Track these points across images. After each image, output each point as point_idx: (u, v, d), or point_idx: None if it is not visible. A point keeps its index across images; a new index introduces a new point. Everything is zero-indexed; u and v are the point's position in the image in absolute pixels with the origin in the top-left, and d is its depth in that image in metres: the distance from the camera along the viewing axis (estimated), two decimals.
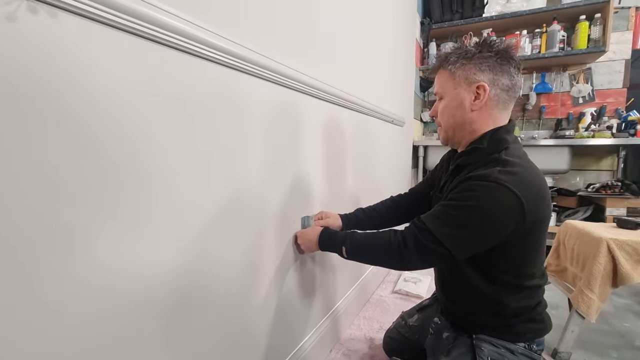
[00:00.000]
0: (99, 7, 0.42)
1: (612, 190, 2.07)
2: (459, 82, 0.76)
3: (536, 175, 0.71)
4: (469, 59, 0.74)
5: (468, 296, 0.82)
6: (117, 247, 0.48)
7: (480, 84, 0.73)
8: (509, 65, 0.74)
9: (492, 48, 0.74)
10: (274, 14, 0.80)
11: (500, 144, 0.73)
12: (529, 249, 0.74)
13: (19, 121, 0.37)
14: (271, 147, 0.83)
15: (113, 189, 0.47)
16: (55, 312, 0.41)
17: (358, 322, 1.43)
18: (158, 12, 0.49)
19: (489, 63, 0.73)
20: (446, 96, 0.79)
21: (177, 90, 0.56)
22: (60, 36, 0.40)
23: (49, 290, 0.41)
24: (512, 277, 0.75)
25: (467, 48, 0.76)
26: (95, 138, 0.44)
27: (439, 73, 0.81)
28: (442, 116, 0.81)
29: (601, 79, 2.41)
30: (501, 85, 0.74)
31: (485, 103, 0.74)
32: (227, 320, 0.72)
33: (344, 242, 0.83)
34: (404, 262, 0.74)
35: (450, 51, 0.78)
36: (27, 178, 0.38)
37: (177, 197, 0.57)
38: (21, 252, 0.38)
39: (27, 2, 0.37)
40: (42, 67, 0.39)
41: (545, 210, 0.71)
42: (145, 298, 0.53)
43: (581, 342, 1.28)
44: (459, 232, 0.68)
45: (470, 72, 0.74)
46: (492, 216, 0.66)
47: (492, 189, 0.65)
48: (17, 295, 0.38)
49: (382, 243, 0.77)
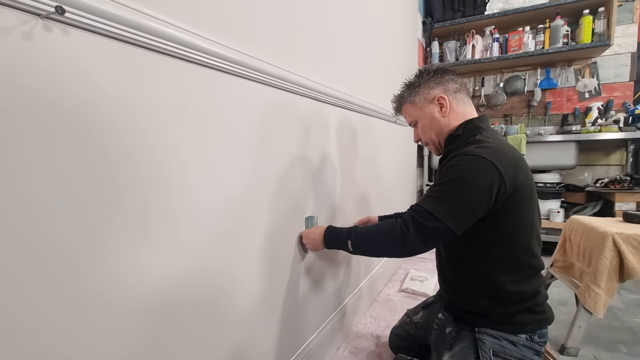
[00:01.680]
0: (108, 24, 0.46)
1: (621, 185, 2.05)
2: (422, 104, 0.90)
3: (508, 148, 0.79)
4: (418, 86, 0.90)
5: (464, 277, 0.85)
6: (131, 251, 0.51)
7: (439, 95, 0.87)
8: (448, 74, 0.89)
9: (429, 70, 0.90)
10: (299, 37, 0.92)
11: (475, 130, 0.83)
12: (515, 220, 0.77)
13: (34, 129, 0.40)
14: (276, 150, 0.86)
15: (128, 196, 0.50)
16: (71, 312, 0.44)
17: (365, 321, 1.44)
18: (176, 30, 0.53)
19: (434, 80, 0.89)
20: (419, 119, 0.92)
21: (187, 99, 0.59)
22: (74, 51, 0.43)
23: (66, 291, 0.44)
24: (502, 252, 0.78)
25: (411, 80, 0.93)
26: (109, 147, 0.47)
27: (403, 109, 0.96)
28: (424, 134, 0.93)
29: (607, 73, 2.39)
30: (452, 89, 0.88)
31: (450, 107, 0.87)
32: (237, 319, 0.74)
33: (349, 236, 0.86)
34: (408, 246, 0.76)
35: (401, 90, 0.95)
36: (41, 185, 0.41)
37: (188, 200, 0.60)
38: (40, 257, 0.41)
39: (42, 20, 0.40)
40: (60, 81, 0.42)
41: (525, 177, 0.77)
42: (161, 298, 0.56)
43: (590, 338, 1.28)
44: (449, 204, 0.74)
45: (424, 94, 0.89)
46: (475, 183, 0.72)
47: (469, 161, 0.74)
48: (36, 296, 0.41)
49: (385, 231, 0.81)
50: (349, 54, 1.27)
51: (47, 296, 0.42)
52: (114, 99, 0.48)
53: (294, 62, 0.91)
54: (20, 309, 0.40)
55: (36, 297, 0.41)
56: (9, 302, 0.39)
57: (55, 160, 0.42)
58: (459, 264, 0.85)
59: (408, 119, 0.96)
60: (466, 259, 0.83)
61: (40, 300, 0.41)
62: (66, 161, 0.43)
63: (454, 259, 0.87)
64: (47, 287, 0.42)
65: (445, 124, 0.88)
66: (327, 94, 1.07)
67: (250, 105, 0.76)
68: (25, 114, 0.39)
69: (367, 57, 1.46)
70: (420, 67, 0.92)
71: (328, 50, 1.11)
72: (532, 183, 0.80)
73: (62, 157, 0.42)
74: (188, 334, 0.62)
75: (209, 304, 0.67)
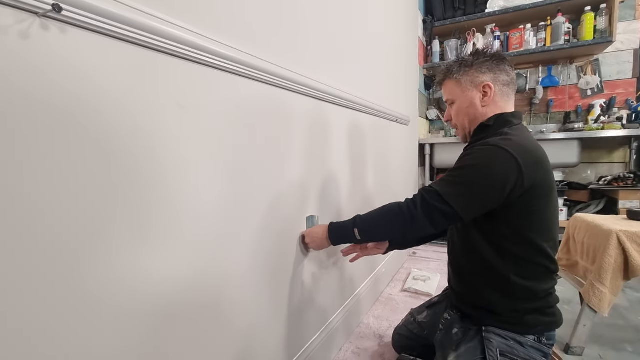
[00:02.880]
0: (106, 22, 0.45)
1: (624, 183, 2.03)
2: (466, 86, 0.86)
3: (535, 145, 0.77)
4: (470, 66, 0.85)
5: (476, 268, 0.84)
6: (137, 252, 0.51)
7: (486, 83, 0.83)
8: (503, 64, 0.85)
9: (486, 54, 0.85)
10: (307, 39, 0.90)
11: (505, 124, 0.82)
12: (533, 217, 0.76)
13: (31, 128, 0.40)
14: (279, 151, 0.85)
15: (132, 196, 0.49)
16: (72, 314, 0.44)
17: (367, 321, 1.43)
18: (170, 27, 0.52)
19: (487, 65, 0.84)
20: (457, 100, 0.89)
21: (194, 99, 0.59)
22: (71, 50, 0.43)
23: (72, 291, 0.43)
24: (517, 247, 0.77)
25: (465, 58, 0.87)
26: (109, 147, 0.47)
27: (445, 83, 0.91)
28: (457, 117, 0.90)
29: (610, 70, 2.37)
30: (502, 81, 0.84)
31: (493, 98, 0.84)
32: (238, 320, 0.74)
33: (354, 225, 0.85)
34: (415, 223, 0.76)
35: (451, 63, 0.89)
36: (39, 187, 0.41)
37: (191, 203, 0.60)
38: (46, 258, 0.41)
39: (40, 19, 0.40)
40: (57, 80, 0.41)
41: (546, 175, 0.75)
42: (165, 300, 0.55)
43: (595, 336, 1.26)
44: (461, 189, 0.73)
45: (473, 76, 0.85)
46: (491, 173, 0.71)
47: (490, 150, 0.74)
48: (44, 297, 0.41)
49: (392, 211, 0.81)
50: (350, 53, 1.26)
51: (47, 298, 0.41)
52: (113, 98, 0.48)
53: (294, 60, 0.91)
54: (20, 312, 0.39)
55: (37, 299, 0.40)
56: (7, 306, 0.38)
57: (53, 162, 0.41)
58: (472, 254, 0.84)
59: (446, 96, 0.92)
60: (480, 250, 0.81)
61: (41, 303, 0.41)
62: (64, 162, 0.42)
63: (468, 249, 0.86)
64: (47, 289, 0.41)
65: (481, 113, 0.85)
66: (330, 93, 1.06)
67: (250, 103, 0.76)
68: (23, 115, 0.38)
69: (368, 56, 1.45)
70: (478, 48, 0.89)
71: (328, 49, 1.10)
72: (553, 183, 0.78)
73: (61, 157, 0.42)
74: (190, 335, 0.62)
75: (212, 306, 0.66)
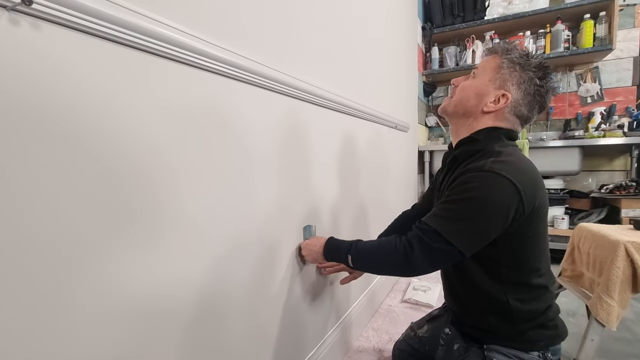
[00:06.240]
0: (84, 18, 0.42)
1: (626, 191, 2.00)
2: (494, 76, 0.75)
3: (528, 164, 0.71)
4: (517, 65, 0.73)
5: (474, 296, 0.79)
6: (142, 262, 0.47)
7: (507, 94, 0.73)
8: (548, 81, 0.73)
9: (536, 65, 0.73)
10: (300, 41, 0.84)
11: (496, 139, 0.75)
12: (530, 241, 0.72)
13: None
14: (275, 156, 0.82)
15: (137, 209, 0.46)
16: (73, 317, 0.40)
17: (367, 334, 1.38)
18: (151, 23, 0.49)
19: (531, 74, 0.72)
20: (477, 79, 0.78)
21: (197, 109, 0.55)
22: (46, 47, 0.39)
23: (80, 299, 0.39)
24: (514, 273, 0.73)
25: (522, 53, 0.74)
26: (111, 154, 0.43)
27: (492, 56, 0.78)
28: (461, 91, 0.79)
29: (609, 78, 2.36)
30: (517, 111, 0.75)
31: (504, 111, 0.75)
32: (236, 334, 0.70)
33: (349, 251, 0.81)
34: (412, 268, 0.71)
35: (517, 49, 0.76)
36: (47, 193, 0.37)
37: (194, 215, 0.56)
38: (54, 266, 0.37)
39: (9, 13, 0.36)
40: (32, 78, 0.38)
41: (542, 198, 0.70)
42: (168, 308, 0.53)
43: (602, 351, 1.22)
44: (462, 226, 0.66)
45: (507, 75, 0.74)
46: (492, 204, 0.65)
47: (487, 178, 0.65)
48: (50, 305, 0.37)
49: (388, 250, 0.75)
50: (349, 59, 1.23)
51: (48, 301, 0.39)
52: (96, 98, 0.44)
53: (291, 64, 0.88)
54: (21, 314, 0.37)
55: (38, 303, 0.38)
56: None
57: (40, 166, 0.38)
58: (468, 282, 0.79)
59: (479, 65, 0.80)
60: (475, 278, 0.76)
61: (42, 306, 0.38)
62: (50, 166, 0.39)
63: (462, 277, 0.81)
64: (47, 291, 0.38)
65: (478, 115, 0.76)
66: (328, 98, 1.03)
67: (248, 110, 0.73)
68: None
69: (368, 63, 1.43)
70: (530, 50, 0.77)
71: (327, 55, 1.07)
72: (547, 200, 0.73)
73: (47, 161, 0.38)
74: (192, 345, 0.58)
75: (210, 319, 0.63)
